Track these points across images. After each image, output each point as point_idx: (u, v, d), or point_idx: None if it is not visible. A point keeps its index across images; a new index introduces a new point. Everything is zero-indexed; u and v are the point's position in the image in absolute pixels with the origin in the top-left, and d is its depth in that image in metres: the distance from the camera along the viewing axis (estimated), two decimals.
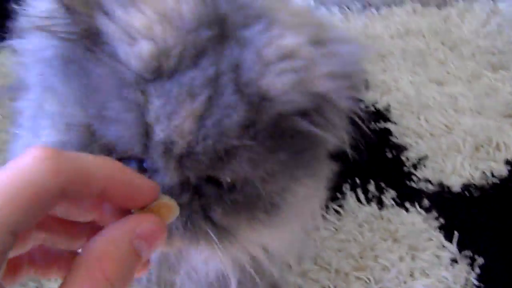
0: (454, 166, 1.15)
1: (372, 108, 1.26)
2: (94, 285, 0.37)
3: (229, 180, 0.55)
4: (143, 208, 0.44)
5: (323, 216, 1.04)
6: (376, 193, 1.09)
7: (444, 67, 1.40)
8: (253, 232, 0.61)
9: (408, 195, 1.10)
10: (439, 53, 1.44)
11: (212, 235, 0.56)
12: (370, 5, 1.60)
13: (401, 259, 0.99)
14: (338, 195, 1.09)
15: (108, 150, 0.53)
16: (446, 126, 1.24)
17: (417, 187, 1.12)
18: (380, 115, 1.25)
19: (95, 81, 0.53)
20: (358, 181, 1.11)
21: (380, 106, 1.27)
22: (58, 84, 0.56)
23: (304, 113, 0.55)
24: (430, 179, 1.13)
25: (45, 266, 0.47)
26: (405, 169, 1.15)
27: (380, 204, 1.08)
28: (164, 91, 0.51)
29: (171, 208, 0.47)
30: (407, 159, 1.16)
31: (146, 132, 0.51)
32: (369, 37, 1.48)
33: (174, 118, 0.51)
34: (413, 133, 1.22)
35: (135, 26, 0.52)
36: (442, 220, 1.05)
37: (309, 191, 0.62)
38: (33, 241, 0.43)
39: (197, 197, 0.55)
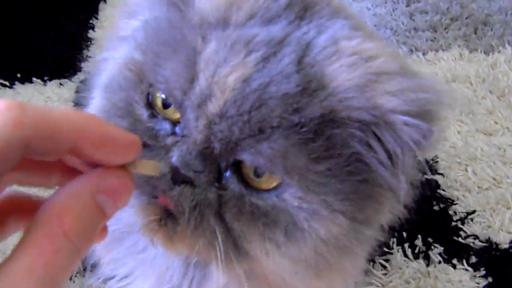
0: (502, 221, 1.14)
1: (420, 158, 1.25)
2: (52, 241, 0.35)
3: (255, 168, 0.50)
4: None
5: (367, 270, 1.03)
6: (423, 248, 1.09)
7: (492, 116, 1.39)
8: (262, 252, 0.52)
9: (455, 251, 1.10)
10: (486, 102, 1.43)
11: (218, 237, 0.50)
12: (416, 49, 1.60)
13: None
14: (385, 249, 1.07)
15: (149, 95, 0.53)
16: (494, 179, 1.23)
17: (464, 243, 1.11)
18: (428, 165, 1.24)
19: (166, 27, 0.53)
20: (405, 235, 1.09)
21: (427, 156, 1.25)
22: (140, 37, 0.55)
23: (362, 128, 0.49)
24: (478, 234, 1.12)
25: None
26: (453, 223, 1.13)
27: (427, 260, 1.08)
28: (222, 38, 0.49)
29: (154, 168, 0.42)
30: (455, 213, 1.16)
31: (192, 79, 0.49)
32: None
33: (222, 66, 0.48)
34: (461, 185, 1.21)
35: None
36: (490, 279, 1.04)
37: (349, 234, 0.53)
38: (5, 184, 0.40)
39: (216, 185, 0.50)
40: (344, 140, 0.49)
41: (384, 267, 1.06)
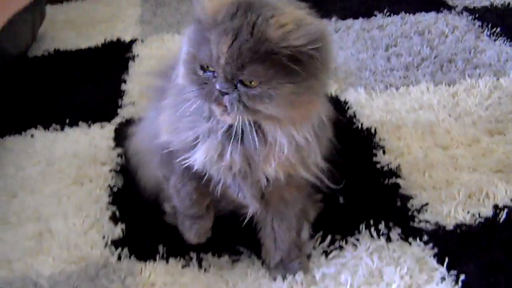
0: (449, 211, 1.46)
1: (386, 168, 1.60)
2: None
3: (249, 81, 0.98)
4: None
5: (341, 247, 1.38)
6: (385, 231, 1.41)
7: (449, 135, 1.72)
8: (264, 108, 1.01)
9: (411, 232, 1.41)
10: (445, 123, 1.77)
11: (243, 109, 1.01)
12: (391, 85, 1.96)
13: (401, 277, 1.29)
14: (355, 232, 1.41)
15: (200, 65, 1.02)
16: (446, 181, 1.55)
17: (418, 227, 1.42)
18: (392, 172, 1.58)
19: (197, 31, 1.04)
20: (371, 222, 1.43)
21: (392, 166, 1.60)
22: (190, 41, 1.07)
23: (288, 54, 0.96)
24: (429, 220, 1.43)
25: None
26: (410, 213, 1.46)
27: (389, 239, 1.39)
28: (216, 31, 0.98)
29: None
30: (412, 205, 1.48)
31: (211, 53, 0.98)
32: (388, 112, 1.83)
33: (219, 43, 0.97)
34: (419, 186, 1.54)
35: (206, 4, 1.01)
36: (436, 249, 1.35)
37: (292, 90, 1.00)
38: None
39: (236, 91, 0.99)
40: (282, 60, 0.96)
41: (355, 245, 1.38)
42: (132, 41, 2.48)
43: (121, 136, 1.79)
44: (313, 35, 0.95)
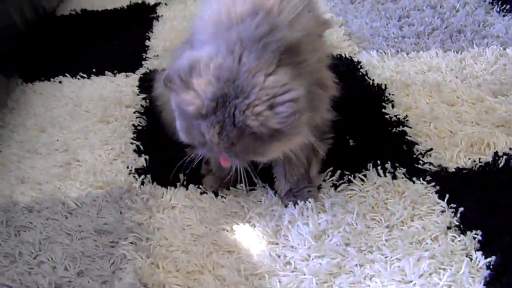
0: (451, 156, 1.56)
1: (394, 118, 1.70)
2: None
3: (237, 148, 1.10)
4: None
5: (349, 180, 1.48)
6: (391, 170, 1.51)
7: (455, 93, 1.82)
8: (259, 158, 1.20)
9: (415, 172, 1.51)
10: (452, 84, 1.86)
11: (241, 160, 1.16)
12: (402, 50, 2.06)
13: (405, 208, 1.39)
14: (363, 170, 1.51)
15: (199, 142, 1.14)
16: (450, 131, 1.65)
17: (422, 168, 1.52)
18: (400, 122, 1.68)
19: (188, 119, 1.15)
20: (378, 162, 1.53)
21: (400, 116, 1.70)
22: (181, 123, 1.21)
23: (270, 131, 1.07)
24: (433, 162, 1.53)
25: None
26: (415, 156, 1.56)
27: (394, 177, 1.49)
28: (204, 123, 1.08)
29: None
30: (417, 150, 1.58)
31: (204, 137, 1.09)
32: (398, 72, 1.94)
33: (209, 133, 1.08)
34: (424, 134, 1.64)
35: (188, 100, 1.08)
36: (438, 187, 1.45)
37: (280, 144, 1.13)
38: None
39: (233, 152, 1.12)
40: (265, 136, 1.10)
41: (362, 180, 1.49)
42: (156, 4, 2.59)
43: (145, 84, 1.89)
44: (288, 113, 1.04)
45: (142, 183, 1.50)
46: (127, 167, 1.56)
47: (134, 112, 1.79)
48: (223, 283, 1.23)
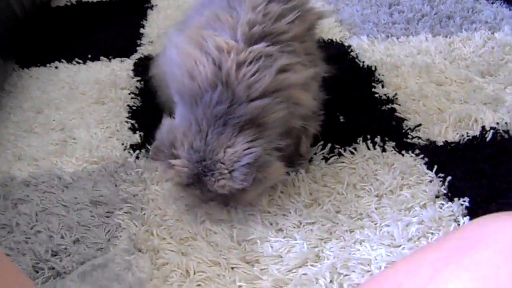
0: (440, 131, 1.59)
1: (384, 97, 1.73)
2: None
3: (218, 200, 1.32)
4: None
5: (339, 153, 1.51)
6: (381, 144, 1.54)
7: (443, 74, 1.85)
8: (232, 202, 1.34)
9: (404, 146, 1.54)
10: (441, 65, 1.90)
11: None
12: (392, 35, 2.10)
13: (394, 178, 1.42)
14: (353, 143, 1.54)
15: None
16: (439, 108, 1.69)
17: (411, 142, 1.56)
18: (389, 100, 1.72)
19: None
20: (368, 136, 1.56)
21: (390, 95, 1.74)
22: None
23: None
24: (421, 137, 1.57)
25: None
26: (404, 131, 1.59)
27: (383, 150, 1.53)
28: (186, 189, 1.28)
29: None
30: (406, 126, 1.61)
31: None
32: (388, 55, 1.97)
33: (192, 194, 1.32)
34: (413, 111, 1.68)
35: (170, 177, 1.29)
36: (426, 159, 1.48)
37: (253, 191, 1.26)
38: None
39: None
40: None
41: (352, 153, 1.52)
42: None
43: (140, 68, 1.92)
44: (243, 177, 1.18)
45: (137, 157, 1.53)
46: (122, 144, 1.59)
47: (129, 94, 1.81)
48: (216, 248, 1.25)
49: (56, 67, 2.04)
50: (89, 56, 2.08)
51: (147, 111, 1.69)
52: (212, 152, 1.17)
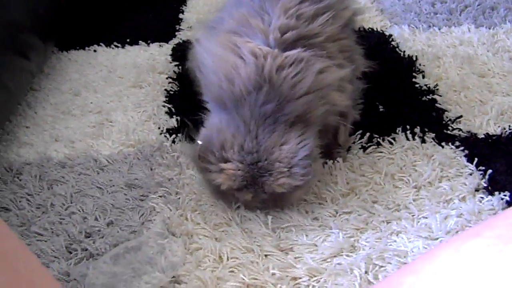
0: (481, 123, 1.56)
1: (424, 87, 1.70)
2: None
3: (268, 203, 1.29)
4: None
5: (378, 143, 1.49)
6: (421, 134, 1.51)
7: (486, 66, 1.81)
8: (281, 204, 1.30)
9: (444, 137, 1.51)
10: (483, 57, 1.86)
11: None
12: (433, 25, 2.06)
13: (433, 169, 1.39)
14: (392, 133, 1.52)
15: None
16: (480, 101, 1.65)
17: (451, 133, 1.52)
18: (430, 91, 1.68)
19: None
20: (408, 127, 1.53)
21: (430, 86, 1.70)
22: None
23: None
24: (462, 129, 1.54)
25: None
26: (444, 122, 1.56)
27: (423, 141, 1.50)
28: (236, 192, 1.24)
29: None
30: (447, 117, 1.58)
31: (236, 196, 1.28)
32: (429, 46, 1.94)
33: (243, 198, 1.27)
34: (454, 102, 1.64)
35: (220, 182, 1.24)
36: (467, 151, 1.45)
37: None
38: None
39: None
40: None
41: (391, 143, 1.49)
42: None
43: (178, 53, 1.92)
44: (304, 171, 1.17)
45: (173, 141, 1.52)
46: (159, 128, 1.58)
47: (167, 78, 1.81)
48: (250, 234, 1.24)
49: (94, 51, 2.04)
50: (128, 40, 2.08)
51: (185, 96, 1.68)
52: (267, 152, 1.15)
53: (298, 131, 1.17)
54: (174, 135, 1.54)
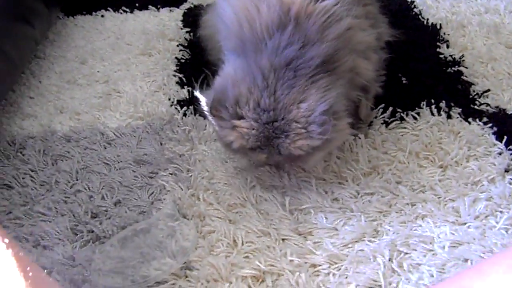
0: (510, 98, 1.47)
1: (449, 58, 1.61)
2: None
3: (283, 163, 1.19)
4: None
5: (401, 118, 1.40)
6: (446, 110, 1.42)
7: None
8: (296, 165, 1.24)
9: (471, 113, 1.42)
10: (511, 26, 1.76)
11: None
12: None
13: (460, 148, 1.31)
14: (416, 108, 1.43)
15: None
16: (508, 73, 1.56)
17: (479, 108, 1.44)
18: (455, 62, 1.59)
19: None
20: (432, 100, 1.44)
21: (455, 56, 1.61)
22: None
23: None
24: (490, 104, 1.45)
25: None
26: (471, 97, 1.47)
27: (449, 117, 1.41)
28: (249, 152, 1.14)
29: None
30: (473, 91, 1.49)
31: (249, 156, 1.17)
32: (454, 13, 1.84)
33: (256, 158, 1.17)
34: (481, 75, 1.55)
35: (232, 139, 1.12)
36: (495, 128, 1.36)
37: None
38: None
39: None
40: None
41: (415, 118, 1.41)
42: None
43: (190, 19, 1.83)
44: (321, 129, 1.06)
45: (184, 114, 1.45)
46: (169, 99, 1.51)
47: (178, 45, 1.74)
48: (266, 216, 1.17)
49: (102, 16, 1.96)
50: (137, 4, 2.00)
51: (196, 65, 1.59)
52: (284, 110, 1.05)
53: (321, 86, 1.07)
54: (185, 107, 1.46)
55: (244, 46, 1.12)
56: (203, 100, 1.13)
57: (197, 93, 1.14)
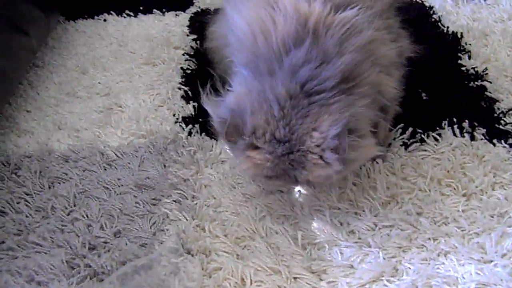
0: None
1: (472, 71, 1.51)
2: None
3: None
4: None
5: (422, 139, 1.30)
6: (469, 130, 1.33)
7: None
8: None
9: (496, 134, 1.33)
10: None
11: None
12: None
13: (485, 174, 1.22)
14: (438, 128, 1.33)
15: None
16: None
17: (504, 129, 1.34)
18: (478, 75, 1.49)
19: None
20: (455, 120, 1.35)
21: (478, 69, 1.51)
22: None
23: None
24: None
25: None
26: (495, 115, 1.38)
27: (472, 138, 1.32)
28: (265, 180, 1.09)
29: None
30: (498, 108, 1.40)
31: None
32: (475, 20, 1.74)
33: (272, 186, 1.18)
34: (506, 90, 1.45)
35: (247, 169, 1.04)
36: None
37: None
38: None
39: None
40: None
41: (436, 139, 1.31)
42: None
43: (196, 24, 1.74)
44: (335, 156, 0.99)
45: (190, 133, 1.36)
46: (174, 115, 1.43)
47: (183, 54, 1.65)
48: (277, 252, 1.09)
49: (104, 20, 1.87)
50: (141, 8, 1.91)
51: (203, 77, 1.48)
52: (299, 141, 0.99)
53: (336, 109, 0.99)
54: (190, 125, 1.37)
55: (258, 62, 1.03)
56: (214, 116, 1.05)
57: (207, 107, 1.07)
